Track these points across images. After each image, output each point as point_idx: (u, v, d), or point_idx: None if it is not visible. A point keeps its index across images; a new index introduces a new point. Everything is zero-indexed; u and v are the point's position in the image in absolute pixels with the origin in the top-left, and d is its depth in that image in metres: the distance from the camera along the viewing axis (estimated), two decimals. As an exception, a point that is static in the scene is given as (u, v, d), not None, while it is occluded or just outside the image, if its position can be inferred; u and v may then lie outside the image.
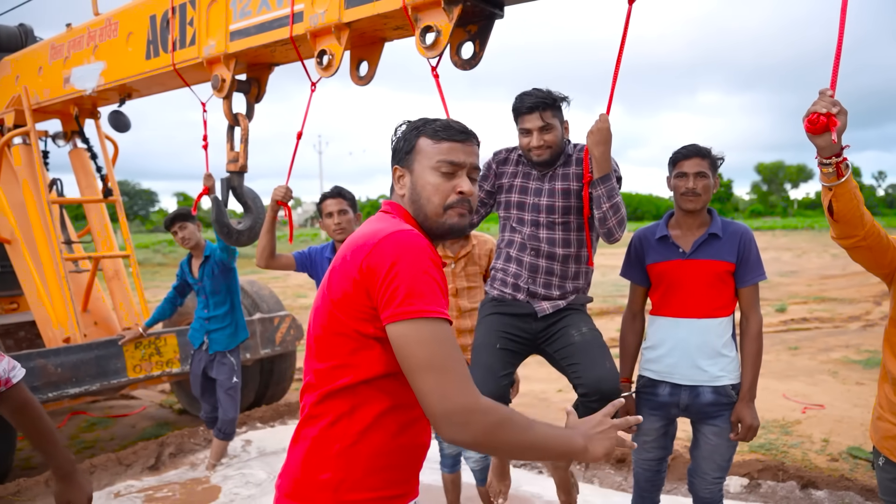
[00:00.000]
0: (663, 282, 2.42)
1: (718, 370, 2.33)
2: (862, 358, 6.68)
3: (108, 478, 3.85)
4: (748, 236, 2.34)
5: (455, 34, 2.45)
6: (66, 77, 4.23)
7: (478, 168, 1.35)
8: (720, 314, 2.33)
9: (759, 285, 2.38)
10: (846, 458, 3.92)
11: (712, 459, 2.36)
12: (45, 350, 3.81)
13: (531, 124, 2.27)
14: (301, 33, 2.77)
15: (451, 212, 1.29)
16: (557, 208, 2.34)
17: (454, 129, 1.31)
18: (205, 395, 4.05)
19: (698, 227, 2.37)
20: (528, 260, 2.37)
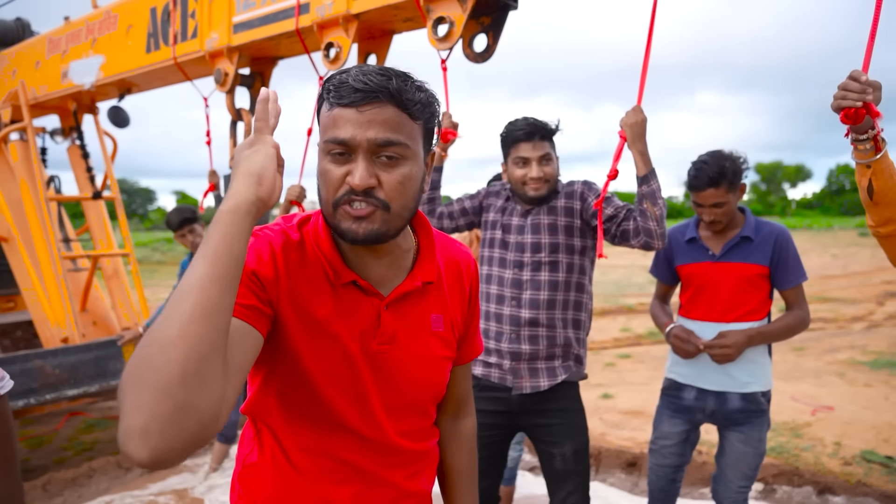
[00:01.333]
0: (692, 284, 2.35)
1: (748, 376, 2.25)
2: (868, 359, 6.62)
3: (107, 482, 3.77)
4: (784, 238, 2.24)
5: (468, 26, 2.37)
6: (65, 71, 4.14)
7: (394, 144, 0.90)
8: (751, 318, 2.25)
9: None
10: (860, 461, 3.85)
11: (738, 468, 2.28)
12: (43, 351, 3.72)
13: (530, 153, 2.03)
14: (307, 25, 2.69)
15: (342, 211, 0.92)
16: (544, 245, 2.06)
17: (347, 86, 0.90)
18: None
19: (730, 229, 2.30)
20: (508, 312, 2.07)
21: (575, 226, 2.08)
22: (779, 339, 2.26)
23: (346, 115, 0.90)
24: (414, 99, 0.91)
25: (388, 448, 1.06)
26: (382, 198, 0.91)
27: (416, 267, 1.05)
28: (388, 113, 0.89)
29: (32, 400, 3.58)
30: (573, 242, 2.07)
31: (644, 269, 17.37)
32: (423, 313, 1.06)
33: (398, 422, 1.06)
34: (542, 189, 2.05)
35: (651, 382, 6.01)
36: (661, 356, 7.01)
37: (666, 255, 2.45)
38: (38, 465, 4.22)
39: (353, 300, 1.00)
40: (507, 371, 2.07)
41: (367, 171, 0.89)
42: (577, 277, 2.08)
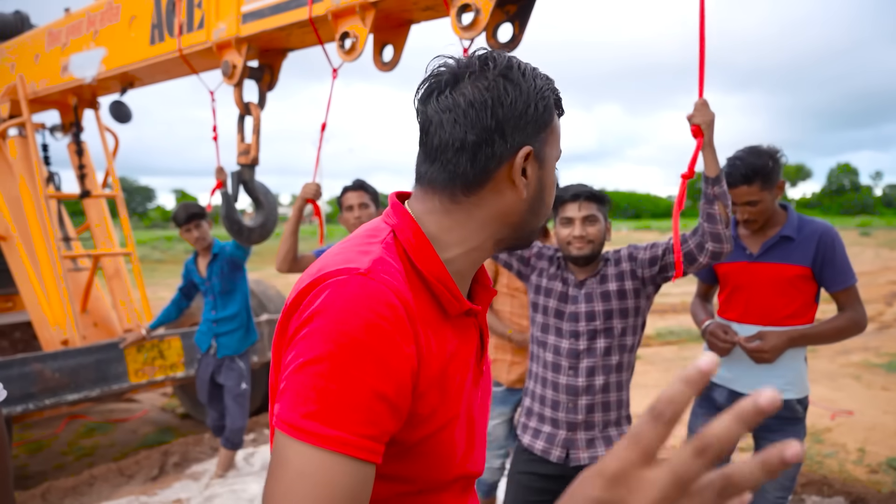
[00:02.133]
0: (729, 283, 2.26)
1: (783, 383, 2.14)
2: (883, 361, 6.50)
3: (108, 490, 3.64)
4: (829, 237, 2.11)
5: (493, 14, 2.24)
6: (65, 65, 4.01)
7: None
8: (790, 323, 2.14)
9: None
10: (886, 469, 3.73)
11: (776, 479, 2.16)
12: (43, 354, 3.58)
13: (575, 213, 1.99)
14: (321, 14, 2.55)
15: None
16: (598, 314, 2.00)
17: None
18: (212, 402, 3.82)
19: (770, 227, 2.19)
20: (564, 382, 2.01)
21: (627, 288, 2.02)
22: (827, 341, 2.14)
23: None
24: None
25: (473, 481, 0.90)
26: None
27: (483, 278, 0.94)
28: None
29: (31, 405, 3.45)
30: (626, 305, 2.01)
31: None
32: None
33: (482, 448, 0.90)
34: (585, 249, 1.99)
35: (661, 384, 5.89)
36: (672, 358, 6.90)
37: None
38: (36, 472, 4.10)
39: (465, 327, 0.85)
40: (561, 442, 2.01)
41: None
42: (630, 339, 2.03)
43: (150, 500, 3.48)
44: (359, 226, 2.86)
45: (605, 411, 2.00)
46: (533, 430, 2.07)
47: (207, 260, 3.70)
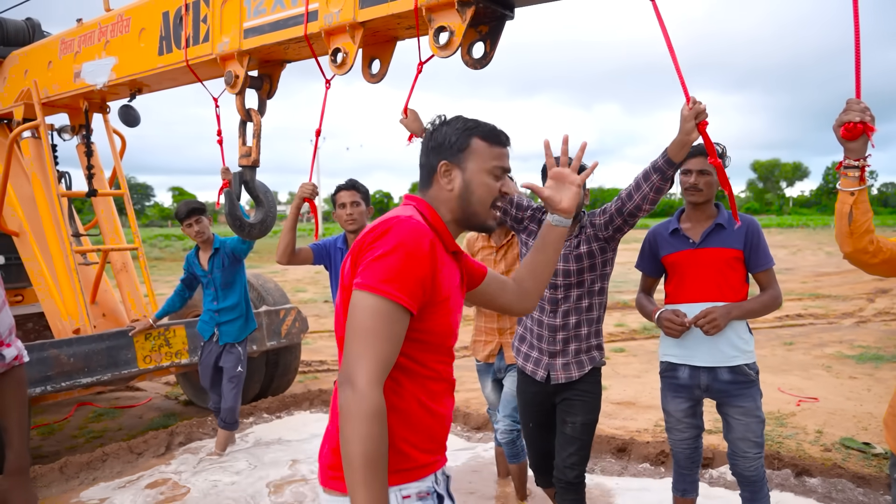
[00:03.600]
0: (677, 271, 2.61)
1: (733, 351, 2.50)
2: (855, 353, 6.81)
3: (120, 465, 3.93)
4: (755, 226, 2.53)
5: (467, 34, 2.53)
6: (77, 72, 4.28)
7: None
8: (731, 298, 2.51)
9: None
10: (839, 448, 4.03)
11: (747, 438, 2.51)
12: (59, 340, 3.88)
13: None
14: (315, 32, 2.84)
15: (492, 211, 1.44)
16: (573, 272, 2.48)
17: (504, 136, 1.47)
18: (214, 387, 4.14)
19: (706, 219, 2.57)
20: (547, 321, 2.53)
21: (594, 249, 2.48)
22: (756, 314, 2.53)
23: (504, 153, 1.47)
24: None
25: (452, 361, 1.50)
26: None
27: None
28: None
29: (49, 387, 3.74)
30: (595, 261, 2.49)
31: (640, 266, 17.56)
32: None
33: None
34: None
35: (643, 375, 6.19)
36: (654, 350, 7.19)
37: (651, 249, 2.71)
38: (51, 452, 4.39)
39: (453, 261, 1.45)
40: (544, 366, 2.56)
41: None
42: (598, 285, 2.54)
43: (142, 476, 3.78)
44: (350, 221, 3.21)
45: (577, 342, 2.54)
46: (524, 354, 2.65)
47: (209, 254, 3.98)
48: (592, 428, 2.55)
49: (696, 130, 2.05)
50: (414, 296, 1.25)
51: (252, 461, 4.01)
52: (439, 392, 1.40)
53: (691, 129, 2.05)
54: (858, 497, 3.25)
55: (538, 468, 2.75)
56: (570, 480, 2.50)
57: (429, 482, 1.34)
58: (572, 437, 2.50)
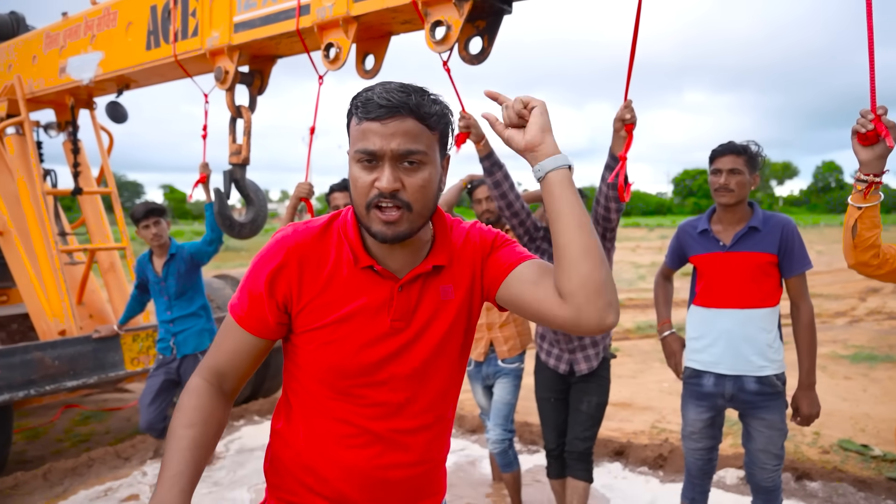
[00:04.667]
0: (705, 274, 2.51)
1: (762, 360, 2.40)
2: (849, 353, 6.79)
3: (106, 471, 3.84)
4: (790, 227, 2.40)
5: (464, 29, 2.46)
6: (62, 67, 4.18)
7: (415, 153, 1.04)
8: (763, 304, 2.41)
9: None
10: (837, 450, 3.99)
11: (768, 451, 2.43)
12: (43, 343, 3.78)
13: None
14: (308, 26, 2.76)
15: (373, 214, 1.06)
16: None
17: (373, 102, 1.04)
18: (152, 404, 3.62)
19: (738, 220, 2.45)
20: None
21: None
22: (814, 348, 2.45)
23: (372, 129, 1.04)
24: (430, 112, 1.07)
25: (405, 414, 1.18)
26: (406, 199, 1.06)
27: (430, 254, 1.18)
28: (408, 125, 1.04)
29: (33, 391, 3.64)
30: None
31: (633, 265, 17.54)
32: (434, 288, 1.18)
33: (415, 388, 1.18)
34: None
35: (638, 375, 6.14)
36: (649, 350, 7.15)
37: (679, 246, 2.63)
38: (35, 457, 4.28)
39: (370, 283, 1.15)
40: (565, 360, 2.75)
41: (392, 175, 1.04)
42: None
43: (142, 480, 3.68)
44: None
45: (593, 338, 2.70)
46: (546, 350, 2.83)
47: (163, 260, 3.62)
48: (604, 409, 2.77)
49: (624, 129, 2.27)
50: (251, 316, 1.14)
51: (233, 468, 3.90)
52: (342, 435, 1.16)
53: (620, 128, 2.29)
54: (860, 501, 3.21)
55: (556, 448, 2.83)
56: (581, 451, 2.71)
57: None
58: (587, 413, 2.72)
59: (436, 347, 1.18)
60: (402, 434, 1.18)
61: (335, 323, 1.13)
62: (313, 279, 1.13)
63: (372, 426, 1.16)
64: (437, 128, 1.09)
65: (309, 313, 1.14)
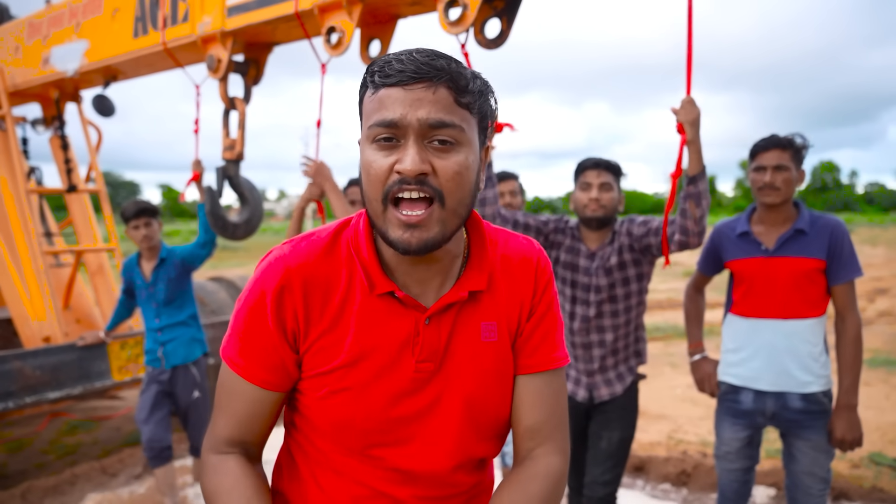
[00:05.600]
0: (745, 280, 2.26)
1: (808, 376, 2.17)
2: (865, 357, 6.57)
3: (91, 488, 3.59)
4: (840, 230, 2.16)
5: (481, 10, 2.23)
6: (46, 57, 3.94)
7: (448, 126, 0.79)
8: (809, 315, 2.17)
9: None
10: (868, 464, 3.77)
11: (813, 473, 2.20)
12: (23, 352, 3.52)
13: (593, 179, 2.27)
14: (307, 8, 2.52)
15: (391, 214, 0.81)
16: (604, 287, 2.29)
17: (395, 64, 0.79)
18: (151, 416, 3.34)
19: (783, 222, 2.21)
20: (580, 341, 2.34)
21: (626, 260, 2.28)
22: (858, 365, 2.18)
23: (393, 95, 0.78)
24: (469, 84, 0.81)
25: (432, 481, 0.93)
26: (437, 186, 0.79)
27: (464, 275, 0.91)
28: (440, 93, 0.78)
29: (11, 403, 3.38)
30: (628, 275, 2.28)
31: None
32: (472, 323, 0.91)
33: (446, 451, 0.92)
34: (599, 212, 2.25)
35: (650, 381, 5.92)
36: (658, 354, 6.94)
37: (715, 250, 2.38)
38: (16, 471, 4.03)
39: (389, 312, 0.88)
40: (584, 385, 2.36)
41: (419, 154, 0.78)
42: (635, 300, 2.32)
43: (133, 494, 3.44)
44: None
45: (615, 356, 2.34)
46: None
47: (153, 264, 3.37)
48: (629, 444, 2.37)
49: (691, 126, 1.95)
50: (258, 364, 0.88)
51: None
52: (354, 498, 0.93)
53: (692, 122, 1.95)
54: (902, 523, 2.99)
55: (577, 489, 2.53)
56: (601, 497, 2.31)
57: None
58: (608, 452, 2.32)
59: (476, 401, 0.92)
60: (431, 501, 0.93)
61: (346, 366, 0.87)
62: (320, 310, 0.87)
63: (394, 492, 0.92)
64: (477, 105, 0.83)
65: (315, 353, 0.88)
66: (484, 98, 0.85)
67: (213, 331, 4.16)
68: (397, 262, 0.88)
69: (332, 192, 2.56)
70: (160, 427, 3.32)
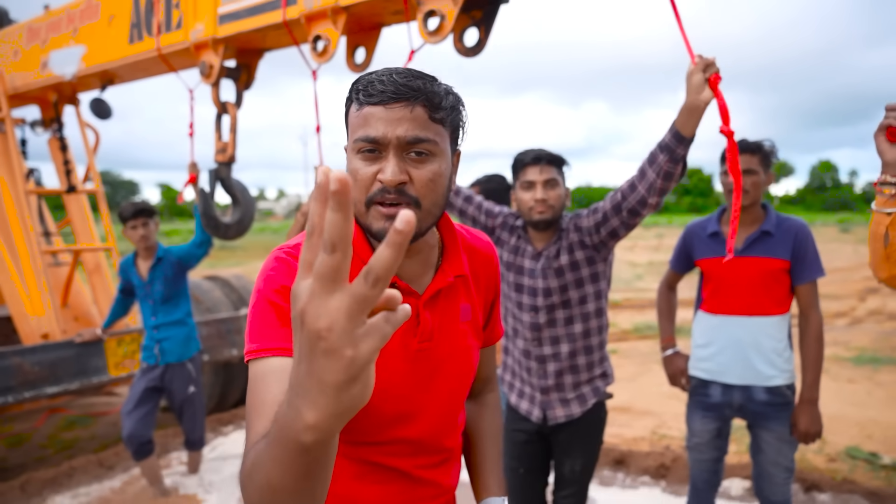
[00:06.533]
0: (713, 278, 2.38)
1: (772, 370, 2.28)
2: (852, 355, 6.69)
3: (88, 481, 3.69)
4: (804, 233, 2.27)
5: (459, 19, 2.33)
6: (45, 61, 4.04)
7: (423, 141, 0.91)
8: (774, 312, 2.29)
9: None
10: (844, 458, 3.88)
11: (778, 463, 2.32)
12: (22, 348, 3.63)
13: (536, 177, 2.04)
14: (295, 17, 2.62)
15: (374, 211, 0.92)
16: (554, 290, 2.08)
17: (377, 84, 0.91)
18: (135, 410, 3.44)
19: (751, 223, 2.32)
20: (531, 351, 2.13)
21: (578, 259, 2.08)
22: (820, 361, 2.28)
23: (375, 114, 0.91)
24: (442, 101, 0.94)
25: (428, 449, 1.06)
26: (413, 194, 0.92)
27: (443, 262, 1.06)
28: (416, 112, 0.92)
29: (10, 398, 3.48)
30: (581, 275, 2.08)
31: (630, 264, 17.43)
32: (454, 305, 1.06)
33: (439, 420, 1.06)
34: (547, 213, 2.04)
35: (637, 378, 6.02)
36: (648, 352, 7.04)
37: (686, 248, 2.50)
38: (16, 465, 4.14)
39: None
40: (539, 403, 2.16)
41: (398, 166, 0.91)
42: (592, 305, 2.12)
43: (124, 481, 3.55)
44: None
45: (574, 374, 2.12)
46: (518, 389, 2.24)
47: (150, 263, 3.48)
48: (592, 468, 2.23)
49: (708, 87, 1.64)
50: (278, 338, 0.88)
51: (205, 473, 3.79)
52: (362, 474, 1.03)
53: (700, 85, 1.63)
54: (870, 513, 3.10)
55: None
56: None
57: None
58: (571, 479, 2.20)
59: (460, 373, 1.07)
60: (428, 469, 1.07)
61: None
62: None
63: (397, 464, 1.04)
64: (449, 119, 0.96)
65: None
66: (456, 112, 0.98)
67: (207, 328, 4.27)
68: None
69: None
70: (141, 423, 3.43)
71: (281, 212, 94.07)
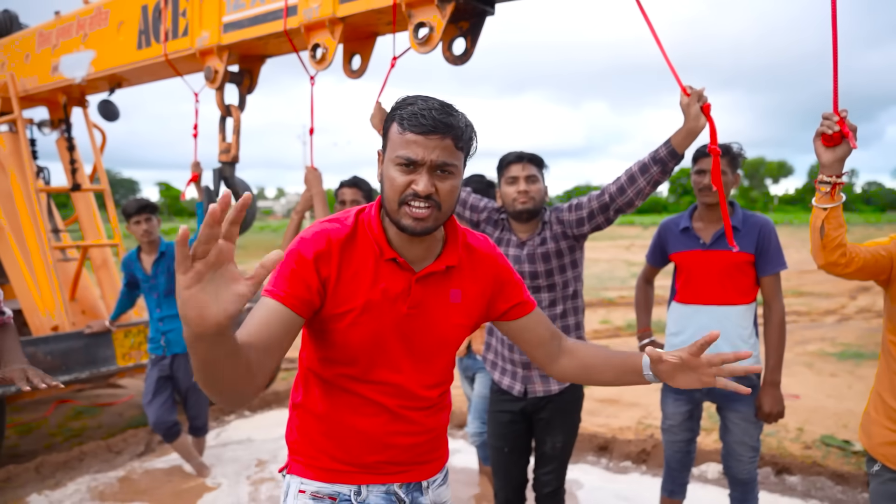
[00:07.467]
0: (685, 270, 2.57)
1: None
2: (836, 350, 6.86)
3: (98, 464, 3.88)
4: (768, 228, 2.46)
5: (447, 30, 2.51)
6: (55, 65, 4.22)
7: (449, 165, 1.23)
8: (739, 302, 2.48)
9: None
10: (819, 445, 4.06)
11: (744, 442, 2.50)
12: (35, 338, 3.82)
13: (519, 172, 2.28)
14: (295, 27, 2.81)
15: (406, 209, 1.22)
16: (540, 273, 2.31)
17: (420, 117, 1.21)
18: (155, 398, 3.66)
19: (719, 219, 2.50)
20: None
21: (562, 248, 2.32)
22: (782, 348, 2.48)
23: (417, 140, 1.21)
24: (465, 135, 1.26)
25: (409, 394, 1.36)
26: (438, 200, 1.24)
27: (443, 253, 1.36)
28: (446, 143, 1.23)
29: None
30: (564, 262, 2.32)
31: (627, 262, 17.61)
32: (444, 289, 1.36)
33: (419, 373, 1.37)
34: (529, 204, 2.27)
35: (627, 372, 6.19)
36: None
37: (661, 243, 2.70)
38: (27, 451, 4.32)
39: (391, 272, 1.31)
40: (520, 379, 2.37)
41: (429, 181, 1.22)
42: (572, 287, 2.36)
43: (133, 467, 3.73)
44: None
45: None
46: (500, 367, 2.44)
47: (153, 257, 3.64)
48: (572, 445, 2.43)
49: (702, 115, 1.98)
50: (291, 293, 1.21)
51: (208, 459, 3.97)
52: (355, 406, 1.35)
53: (697, 114, 1.97)
54: (837, 495, 3.28)
55: (503, 497, 2.47)
56: (547, 493, 2.40)
57: (340, 489, 1.37)
58: (552, 456, 2.39)
59: (441, 341, 1.37)
60: (409, 410, 1.37)
61: (361, 307, 1.28)
62: (348, 267, 1.28)
63: (383, 401, 1.35)
64: (466, 147, 1.28)
65: (339, 296, 1.27)
66: (471, 141, 1.30)
67: None
68: (399, 239, 1.31)
69: (316, 197, 2.87)
70: (163, 409, 3.65)
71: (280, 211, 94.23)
